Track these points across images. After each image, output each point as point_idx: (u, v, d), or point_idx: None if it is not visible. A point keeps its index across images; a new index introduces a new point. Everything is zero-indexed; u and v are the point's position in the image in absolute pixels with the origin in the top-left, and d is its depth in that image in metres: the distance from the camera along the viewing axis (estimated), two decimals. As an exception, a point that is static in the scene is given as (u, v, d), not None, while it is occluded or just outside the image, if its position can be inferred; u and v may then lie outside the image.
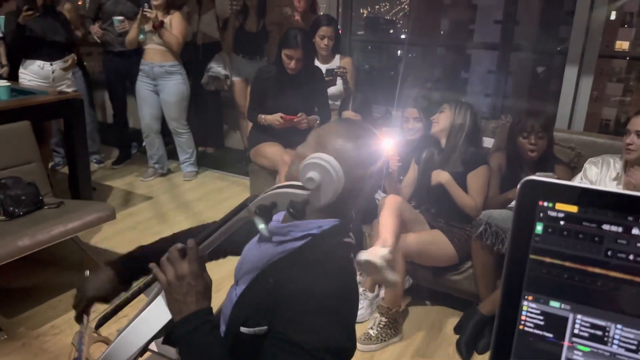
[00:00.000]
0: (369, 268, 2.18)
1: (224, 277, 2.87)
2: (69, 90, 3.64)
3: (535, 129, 2.45)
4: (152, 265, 1.07)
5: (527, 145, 2.48)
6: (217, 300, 1.28)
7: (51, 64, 3.62)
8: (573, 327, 0.57)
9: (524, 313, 0.59)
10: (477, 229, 2.39)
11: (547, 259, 0.58)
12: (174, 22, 3.82)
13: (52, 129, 4.02)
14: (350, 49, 4.27)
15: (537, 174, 2.32)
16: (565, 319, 0.57)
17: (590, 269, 0.56)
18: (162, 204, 3.85)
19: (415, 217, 2.58)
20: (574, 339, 0.57)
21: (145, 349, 1.13)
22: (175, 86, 3.96)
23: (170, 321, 1.06)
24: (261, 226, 1.00)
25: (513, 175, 2.57)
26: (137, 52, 4.01)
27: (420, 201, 2.75)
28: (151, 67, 3.90)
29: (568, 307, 0.57)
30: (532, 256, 0.58)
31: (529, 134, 2.46)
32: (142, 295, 1.23)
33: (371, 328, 2.46)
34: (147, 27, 3.77)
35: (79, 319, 1.28)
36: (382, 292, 2.55)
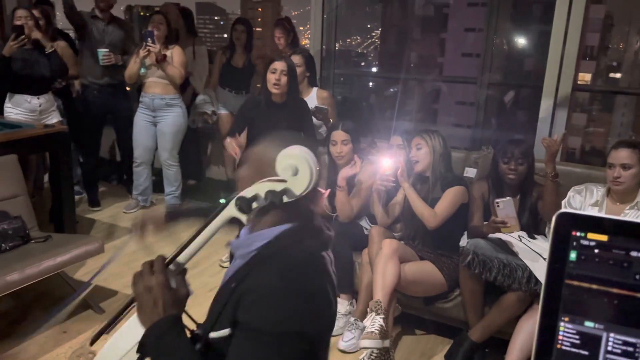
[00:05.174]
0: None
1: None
2: (55, 121, 3.63)
3: (516, 155, 2.60)
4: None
5: (507, 170, 2.61)
6: (199, 312, 1.27)
7: (38, 98, 3.61)
8: (607, 345, 0.63)
9: (561, 333, 0.65)
10: (465, 258, 2.46)
11: (581, 284, 0.64)
12: (175, 55, 3.88)
13: (36, 163, 3.97)
14: (333, 82, 4.37)
15: (496, 200, 2.54)
16: (600, 338, 0.64)
17: (621, 291, 0.62)
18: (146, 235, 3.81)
19: (407, 251, 2.64)
20: (608, 356, 0.63)
21: None
22: (174, 118, 3.99)
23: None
24: (242, 218, 1.08)
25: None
26: (123, 85, 4.01)
27: (408, 231, 2.82)
28: (152, 99, 3.92)
29: (602, 326, 0.64)
30: (567, 281, 0.65)
31: (510, 159, 2.61)
32: None
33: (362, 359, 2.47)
34: (148, 60, 3.81)
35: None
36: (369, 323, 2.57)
